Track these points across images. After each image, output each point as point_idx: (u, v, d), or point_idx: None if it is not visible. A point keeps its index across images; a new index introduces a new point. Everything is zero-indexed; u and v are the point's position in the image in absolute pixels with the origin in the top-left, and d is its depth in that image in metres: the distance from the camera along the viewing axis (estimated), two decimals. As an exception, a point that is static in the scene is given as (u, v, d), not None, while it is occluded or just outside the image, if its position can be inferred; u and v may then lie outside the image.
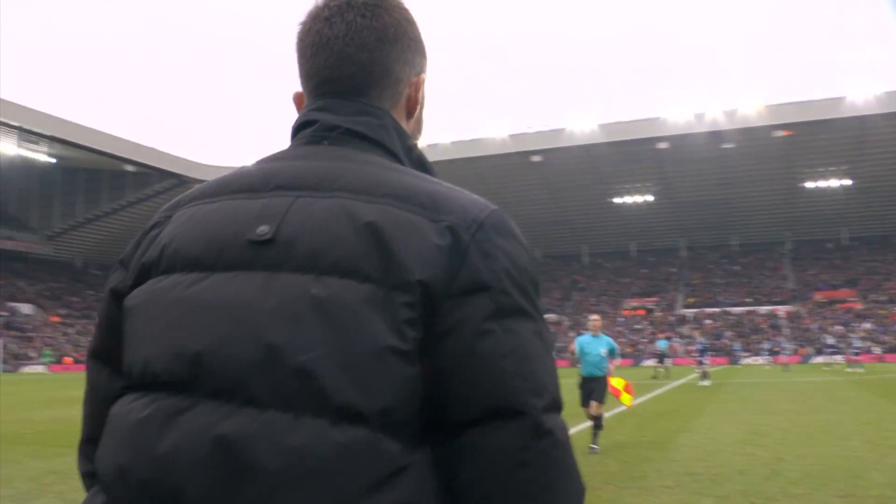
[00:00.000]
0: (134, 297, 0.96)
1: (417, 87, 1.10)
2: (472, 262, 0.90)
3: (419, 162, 1.06)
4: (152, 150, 58.45)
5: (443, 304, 0.88)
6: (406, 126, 1.10)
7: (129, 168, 58.43)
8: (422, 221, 0.92)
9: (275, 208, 0.94)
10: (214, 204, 0.98)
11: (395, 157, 1.02)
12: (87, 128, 53.83)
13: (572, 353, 10.74)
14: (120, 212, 65.47)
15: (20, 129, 50.88)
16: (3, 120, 49.01)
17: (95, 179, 63.24)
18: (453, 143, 56.25)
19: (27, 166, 59.03)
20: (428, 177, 1.00)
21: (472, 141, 56.43)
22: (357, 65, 1.05)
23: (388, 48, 1.06)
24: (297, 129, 1.06)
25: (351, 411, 0.84)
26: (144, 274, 0.97)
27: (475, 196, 0.98)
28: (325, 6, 1.07)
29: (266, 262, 0.90)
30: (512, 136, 55.88)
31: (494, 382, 0.87)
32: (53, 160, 58.15)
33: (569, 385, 6.02)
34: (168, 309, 0.91)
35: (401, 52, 1.07)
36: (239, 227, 0.94)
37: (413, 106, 1.11)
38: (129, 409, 0.89)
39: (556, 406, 0.90)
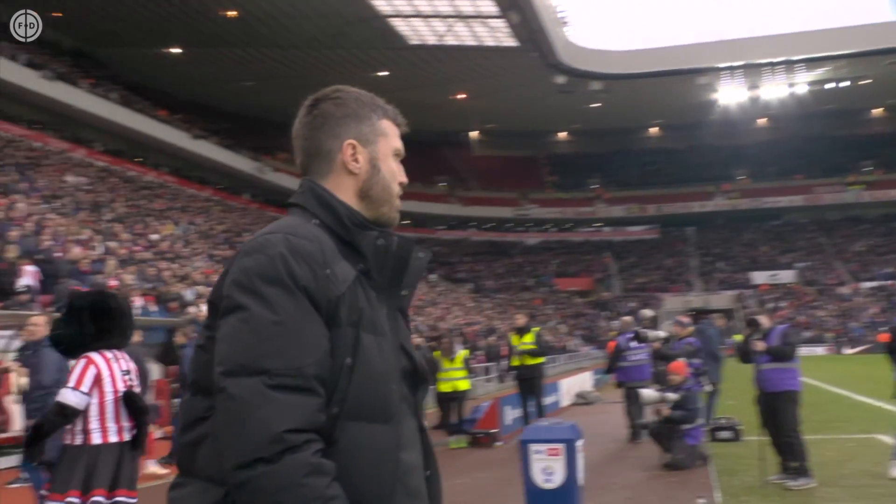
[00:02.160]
0: None
1: (346, 150, 1.63)
2: (224, 282, 1.49)
3: (327, 206, 1.58)
4: None
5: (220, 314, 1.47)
6: (350, 181, 1.63)
7: None
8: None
9: None
10: None
11: (309, 212, 1.58)
12: None
13: None
14: None
15: None
16: None
17: None
18: None
19: None
20: (287, 222, 1.55)
21: None
22: (301, 151, 1.67)
23: (317, 132, 1.64)
24: None
25: (188, 383, 1.76)
26: None
27: (273, 229, 1.51)
28: None
29: None
30: None
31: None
32: None
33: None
34: None
35: (329, 130, 1.64)
36: None
37: (351, 165, 1.63)
38: None
39: (233, 371, 1.38)
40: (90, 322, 4.40)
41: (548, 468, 4.80)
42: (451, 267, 54.16)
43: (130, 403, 4.46)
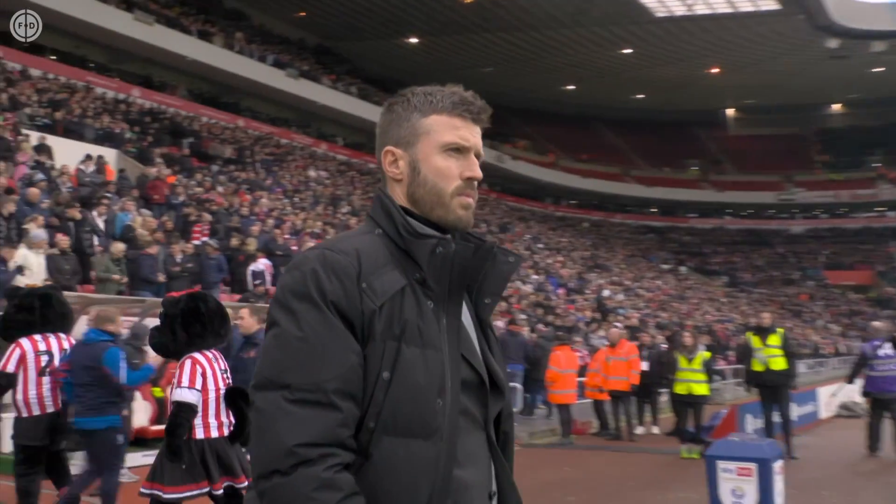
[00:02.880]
0: None
1: (384, 158, 1.70)
2: None
3: (388, 216, 1.64)
4: None
5: None
6: (398, 188, 1.68)
7: None
8: None
9: None
10: None
11: (374, 222, 1.66)
12: None
13: None
14: None
15: None
16: None
17: None
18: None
19: None
20: (338, 235, 1.71)
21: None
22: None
23: (376, 144, 1.74)
24: None
25: None
26: None
27: (317, 245, 1.63)
28: None
29: None
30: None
31: None
32: None
33: None
34: None
35: (379, 141, 1.72)
36: None
37: (390, 171, 1.69)
38: None
39: (261, 384, 1.50)
40: (182, 329, 4.90)
41: (737, 489, 4.43)
42: (704, 258, 52.05)
43: (235, 399, 4.89)
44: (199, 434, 4.84)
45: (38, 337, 6.24)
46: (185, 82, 31.62)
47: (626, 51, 45.20)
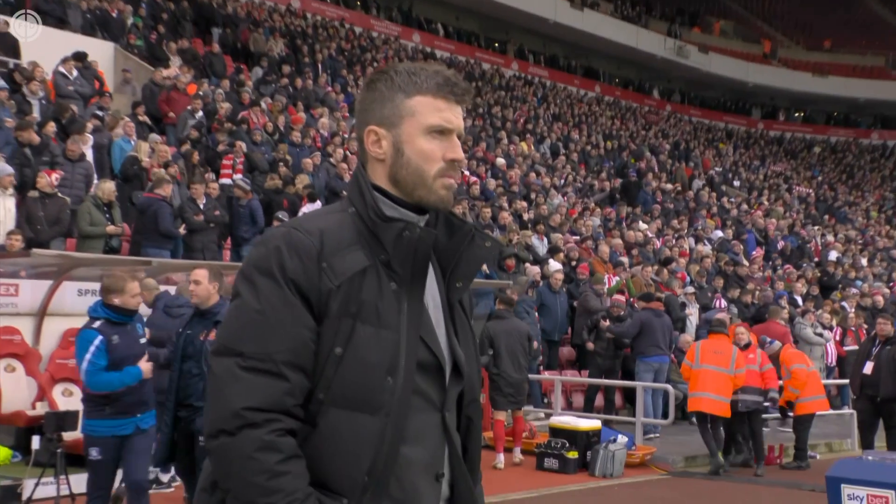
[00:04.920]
0: None
1: (367, 137, 2.50)
2: None
3: (361, 196, 2.47)
4: None
5: None
6: (380, 167, 2.50)
7: None
8: None
9: None
10: None
11: (349, 200, 2.50)
12: None
13: None
14: None
15: None
16: None
17: None
18: None
19: None
20: (307, 214, 2.73)
21: None
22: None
23: (356, 120, 2.65)
24: None
25: None
26: None
27: (286, 223, 2.56)
28: None
29: None
30: None
31: None
32: None
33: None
34: None
35: (360, 118, 2.57)
36: None
37: (373, 151, 2.50)
38: None
39: (218, 350, 2.35)
40: None
41: (869, 521, 4.70)
42: None
43: None
44: None
45: None
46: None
47: None
